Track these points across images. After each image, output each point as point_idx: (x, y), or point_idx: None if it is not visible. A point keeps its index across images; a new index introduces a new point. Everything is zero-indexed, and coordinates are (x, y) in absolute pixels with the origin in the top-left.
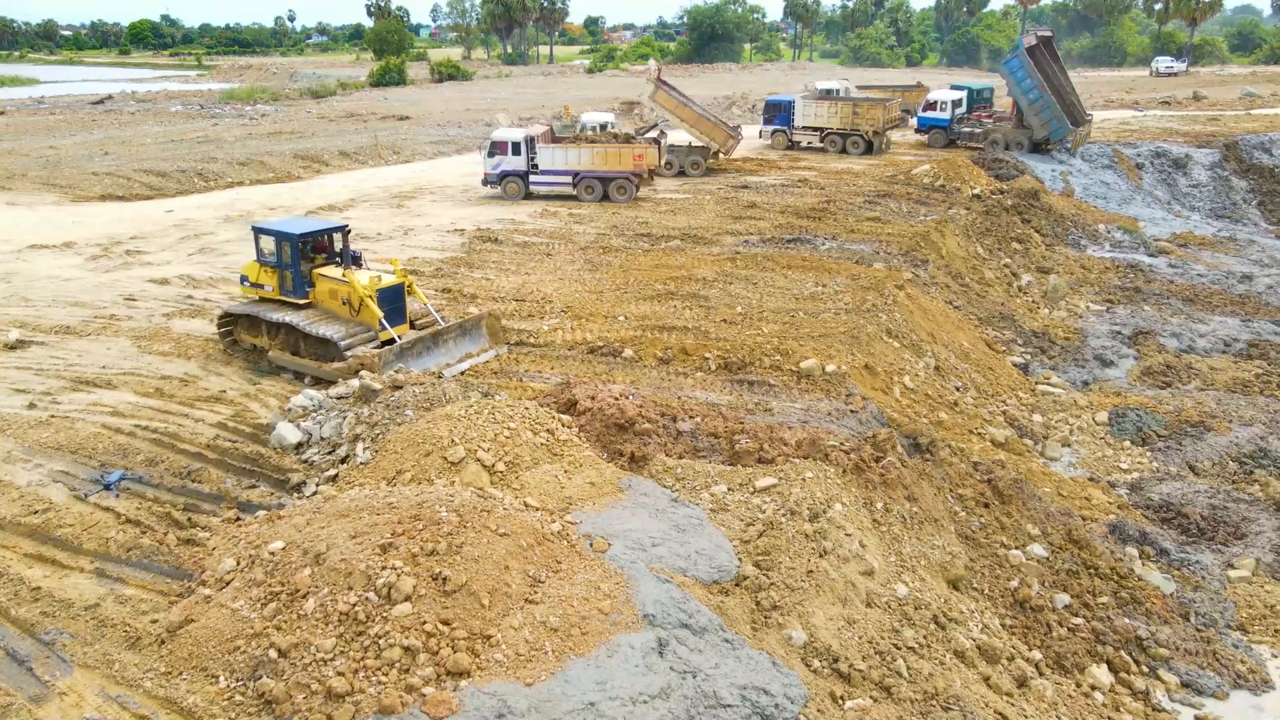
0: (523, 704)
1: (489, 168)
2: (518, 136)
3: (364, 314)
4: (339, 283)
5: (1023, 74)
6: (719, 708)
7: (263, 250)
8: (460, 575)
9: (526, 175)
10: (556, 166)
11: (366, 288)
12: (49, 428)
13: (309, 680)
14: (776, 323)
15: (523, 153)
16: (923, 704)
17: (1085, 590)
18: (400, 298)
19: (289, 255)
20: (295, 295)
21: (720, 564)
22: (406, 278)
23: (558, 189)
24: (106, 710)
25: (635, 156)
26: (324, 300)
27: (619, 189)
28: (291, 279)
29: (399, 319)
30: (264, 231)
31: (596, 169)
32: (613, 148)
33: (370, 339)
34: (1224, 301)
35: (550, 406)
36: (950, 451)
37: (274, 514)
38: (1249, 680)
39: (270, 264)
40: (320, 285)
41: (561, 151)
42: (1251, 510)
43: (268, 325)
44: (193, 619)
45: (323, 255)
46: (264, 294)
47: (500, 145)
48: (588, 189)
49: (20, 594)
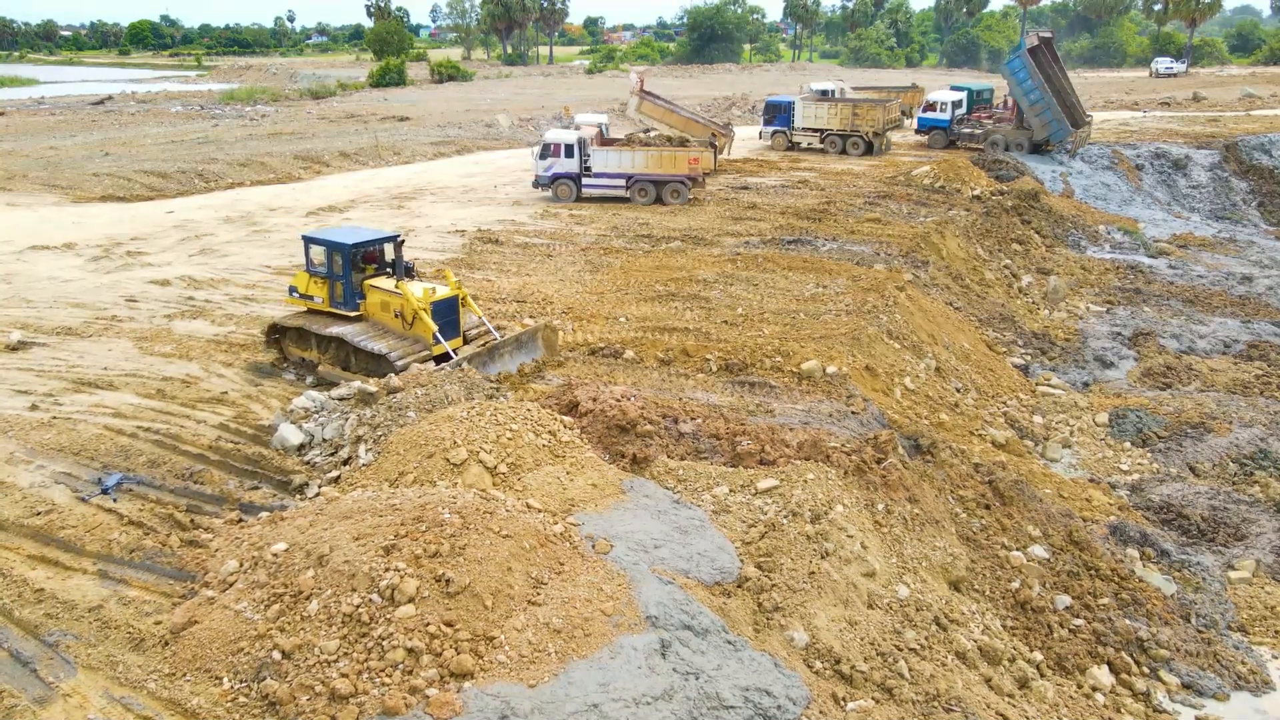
0: (526, 705)
1: (540, 170)
2: (571, 138)
3: (417, 327)
4: (392, 295)
5: (1024, 75)
6: (721, 709)
7: (312, 260)
8: (463, 577)
9: (579, 178)
10: (610, 169)
11: (421, 300)
12: (51, 429)
13: (313, 681)
14: (777, 324)
15: (576, 155)
16: (924, 705)
17: (1086, 591)
18: (454, 310)
19: (340, 266)
20: (346, 307)
21: (722, 565)
22: (460, 289)
23: (610, 192)
24: (110, 712)
25: (690, 160)
26: (375, 313)
27: (673, 192)
28: (342, 290)
29: (453, 332)
30: (315, 241)
31: (650, 172)
32: (667, 151)
33: (424, 353)
34: (1224, 302)
35: (552, 408)
36: (951, 453)
37: (277, 515)
38: (1250, 681)
39: (320, 275)
40: (371, 297)
41: (615, 154)
42: (1252, 511)
43: (317, 339)
44: (196, 620)
45: (373, 266)
46: (313, 305)
47: (553, 147)
48: (641, 192)
49: (24, 595)
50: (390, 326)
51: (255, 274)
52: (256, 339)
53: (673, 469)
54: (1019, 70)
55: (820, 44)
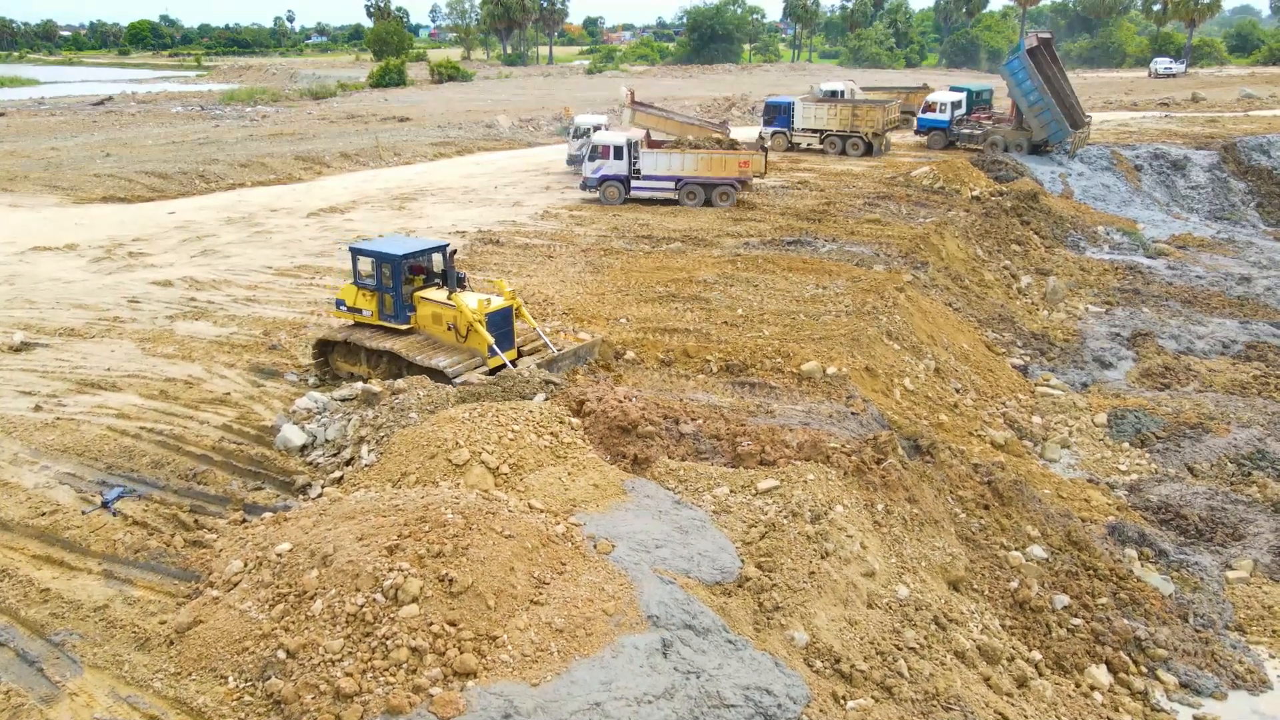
0: (529, 704)
1: (588, 171)
2: (620, 140)
3: (472, 339)
4: (444, 306)
5: (1024, 75)
6: (722, 708)
7: (360, 272)
8: (466, 577)
9: (628, 180)
10: (659, 172)
11: (476, 312)
12: (55, 430)
13: (317, 681)
14: (777, 325)
15: (625, 157)
16: (924, 704)
17: (1084, 591)
18: (509, 321)
19: (390, 278)
20: (396, 320)
21: (723, 565)
22: (515, 300)
23: (659, 194)
24: (117, 710)
25: (741, 163)
26: (427, 325)
27: (722, 195)
28: (392, 303)
29: (507, 344)
30: (363, 252)
31: (700, 175)
32: (717, 154)
33: (479, 366)
34: (1222, 303)
35: (561, 405)
36: (950, 453)
37: (280, 516)
38: (1247, 680)
39: (369, 287)
40: (422, 309)
41: (665, 156)
42: (1249, 511)
43: (367, 353)
44: (201, 620)
45: (421, 277)
46: (361, 319)
47: (602, 149)
48: (690, 194)
49: (29, 595)
50: (443, 339)
51: (257, 275)
52: (259, 340)
53: (673, 469)
54: (1018, 71)
55: (820, 44)
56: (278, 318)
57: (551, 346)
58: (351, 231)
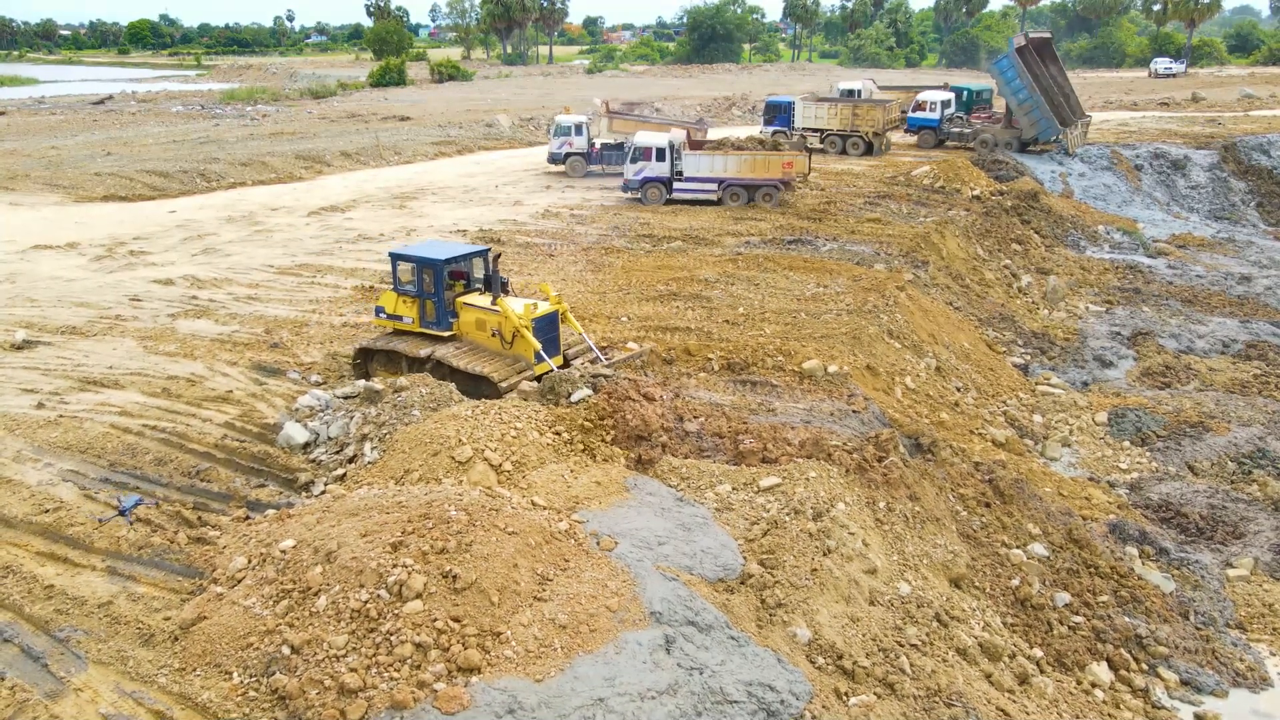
0: (533, 700)
1: (630, 173)
2: (662, 142)
3: (518, 345)
4: (488, 312)
5: (1012, 74)
6: (725, 704)
7: (400, 279)
8: (470, 573)
9: (670, 181)
10: (702, 173)
11: (522, 317)
12: (58, 427)
13: (322, 676)
14: (778, 323)
15: (667, 158)
16: (926, 700)
17: (1085, 589)
18: (554, 327)
19: (432, 284)
20: (438, 327)
21: (725, 562)
22: (561, 304)
23: (701, 196)
24: (122, 706)
25: (784, 164)
26: (470, 332)
27: (765, 196)
28: (434, 309)
29: (553, 350)
30: (403, 258)
31: (744, 176)
32: (760, 155)
33: (527, 372)
34: (1223, 302)
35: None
36: (951, 451)
37: (284, 513)
38: (1248, 678)
39: (409, 293)
40: (465, 315)
41: (708, 158)
42: (1250, 510)
43: (408, 361)
44: (205, 616)
45: (462, 282)
46: (402, 326)
47: (644, 150)
48: (733, 196)
49: (34, 592)
50: (487, 346)
51: (258, 273)
52: (260, 338)
53: (676, 467)
54: (1007, 70)
55: (820, 44)
56: (279, 316)
57: (598, 353)
58: (352, 230)
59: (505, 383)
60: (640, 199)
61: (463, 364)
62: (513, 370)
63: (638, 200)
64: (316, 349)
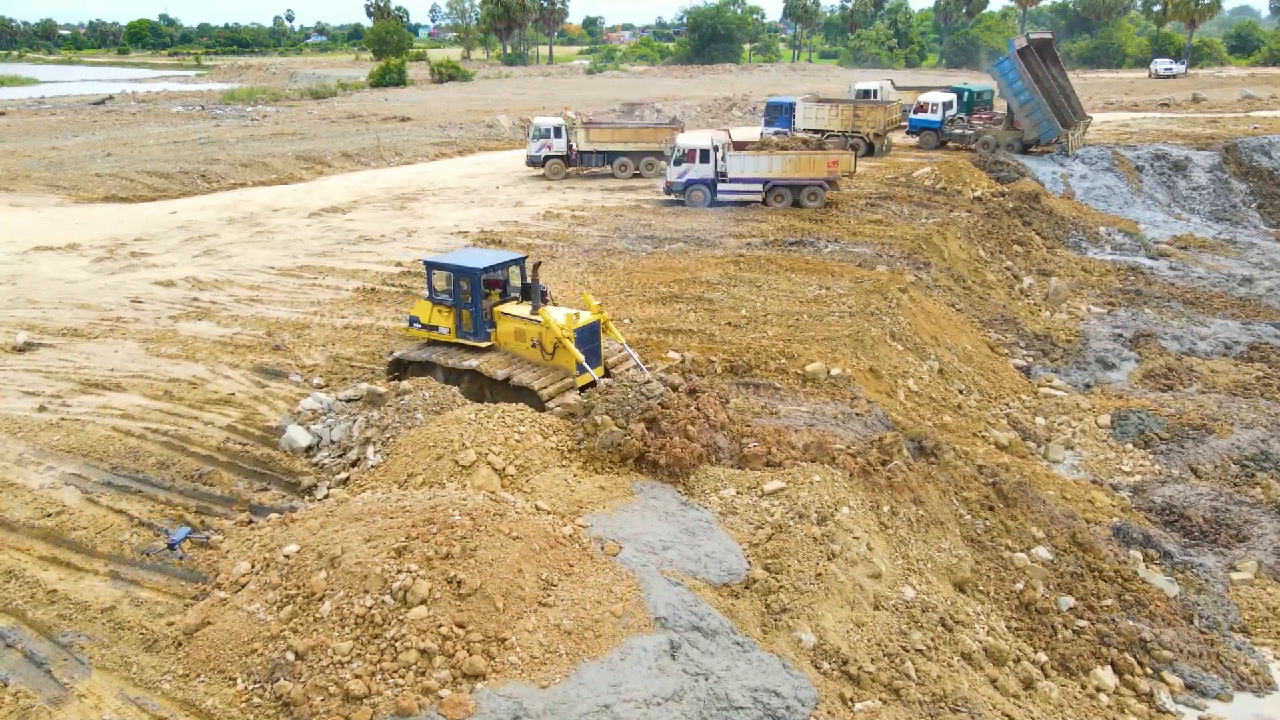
0: (538, 706)
1: (674, 176)
2: (706, 143)
3: (559, 356)
4: (528, 322)
5: (1014, 76)
6: (731, 709)
7: (435, 288)
8: (475, 578)
9: (714, 183)
10: (746, 174)
11: (564, 327)
12: (60, 430)
13: (326, 682)
14: (781, 325)
15: (711, 160)
16: (931, 706)
17: (1089, 592)
18: (596, 337)
19: (469, 293)
20: (476, 338)
21: (730, 567)
22: (602, 314)
23: (746, 197)
24: (125, 712)
25: (830, 163)
26: (508, 342)
27: (810, 195)
28: (471, 319)
29: (594, 360)
30: (439, 266)
31: (789, 176)
32: (805, 154)
33: (570, 384)
34: (1225, 304)
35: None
36: (955, 454)
37: (287, 517)
38: (1252, 682)
39: (445, 303)
40: (503, 325)
41: (752, 159)
42: (1253, 512)
43: (445, 372)
44: (209, 621)
45: (497, 291)
46: (438, 337)
47: (688, 153)
48: (778, 197)
49: (36, 596)
50: (526, 357)
51: (259, 275)
52: (262, 340)
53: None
54: (1009, 72)
55: (820, 44)
56: (281, 318)
57: (640, 364)
58: (353, 231)
59: (549, 395)
60: (684, 202)
61: (505, 376)
62: (556, 382)
63: (680, 202)
64: (319, 351)
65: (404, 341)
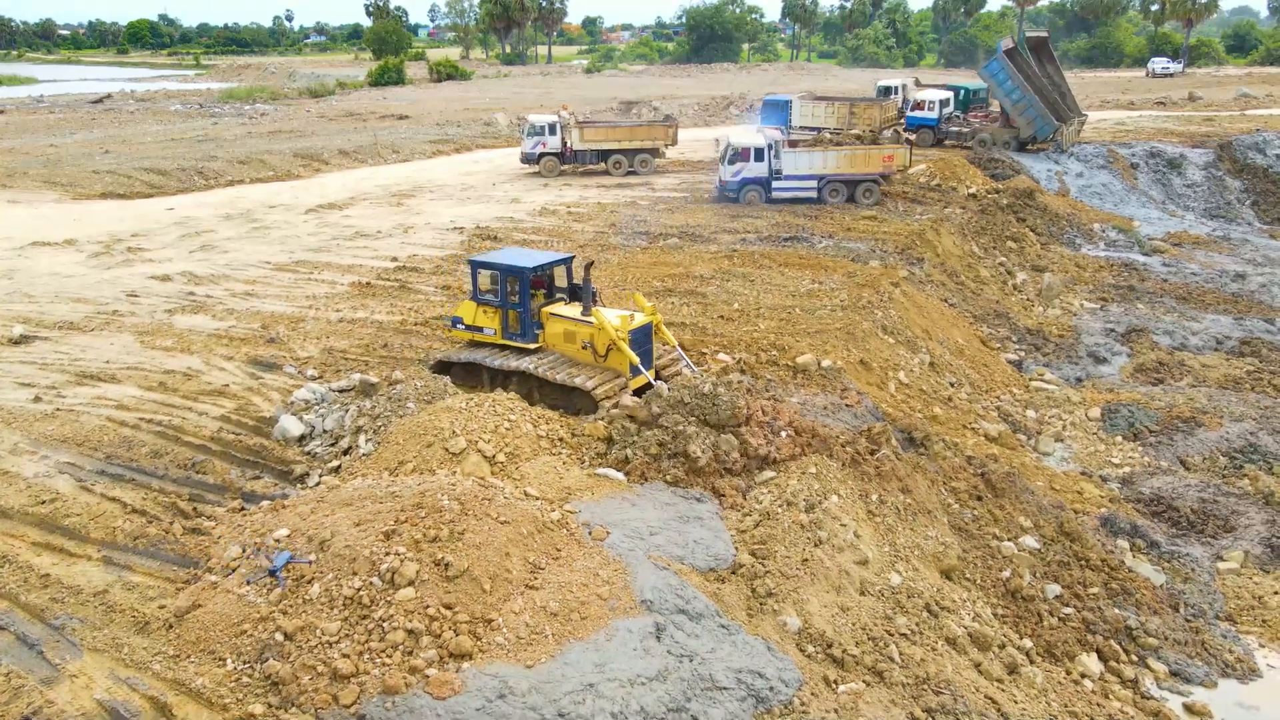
0: (523, 685)
1: (728, 175)
2: (761, 142)
3: (612, 359)
4: (578, 323)
5: (1004, 76)
6: (715, 690)
7: (480, 288)
8: (462, 561)
9: (769, 182)
10: (801, 171)
11: (619, 329)
12: (54, 420)
13: (315, 662)
14: (773, 319)
15: (766, 158)
16: (914, 688)
17: (1076, 581)
18: (649, 339)
19: (517, 293)
20: (523, 339)
21: (717, 553)
22: (655, 315)
23: (801, 195)
24: (116, 692)
25: (885, 158)
26: (557, 344)
27: (865, 191)
28: (519, 320)
29: (647, 363)
30: (486, 266)
31: (844, 172)
32: (860, 149)
33: (623, 386)
34: (1217, 300)
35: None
36: (944, 445)
37: (278, 503)
38: (1237, 669)
39: (491, 303)
40: (552, 326)
41: (806, 155)
42: (1241, 504)
43: (490, 374)
44: (200, 604)
45: (542, 291)
46: (482, 338)
47: (742, 151)
48: (833, 192)
49: (29, 581)
50: (576, 358)
51: (255, 270)
52: (257, 333)
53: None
54: (998, 73)
55: (818, 44)
56: (276, 311)
57: (692, 367)
58: (350, 228)
59: (604, 397)
60: (736, 200)
61: (560, 377)
62: (611, 384)
63: (733, 201)
64: (313, 344)
65: (399, 335)
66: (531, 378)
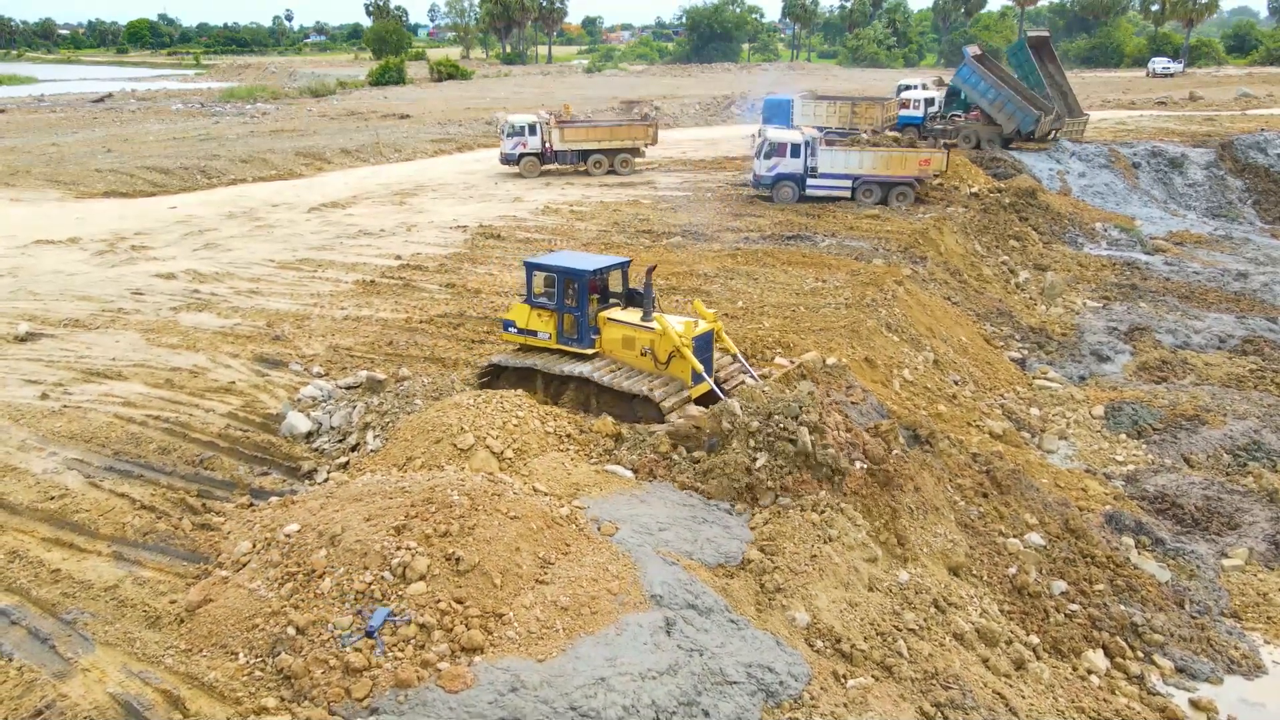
0: (535, 679)
1: (763, 169)
2: (798, 138)
3: (674, 366)
4: (638, 329)
5: (976, 79)
6: (725, 684)
7: (534, 290)
8: (473, 556)
9: (803, 178)
10: (836, 170)
11: (683, 335)
12: (62, 417)
13: (327, 656)
14: (777, 317)
15: (801, 155)
16: (923, 683)
17: (1082, 578)
18: (710, 347)
19: (575, 297)
20: (580, 344)
21: (726, 549)
22: (717, 323)
23: (835, 193)
24: (129, 686)
25: (921, 161)
26: (614, 350)
27: (899, 195)
28: (575, 324)
29: (707, 371)
30: (543, 268)
31: (878, 173)
32: (896, 152)
33: (686, 394)
34: (1219, 299)
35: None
36: (949, 443)
37: (288, 499)
38: (1242, 666)
39: (547, 306)
40: (609, 332)
41: (843, 154)
42: (1245, 501)
43: (545, 379)
44: (211, 599)
45: (596, 296)
46: (536, 342)
47: (779, 147)
48: (866, 193)
49: (40, 576)
50: (635, 365)
51: (259, 268)
52: (262, 330)
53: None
54: (970, 77)
55: (818, 44)
56: (281, 309)
57: (754, 376)
58: (353, 226)
59: (672, 408)
60: (770, 197)
61: (626, 385)
62: (674, 392)
63: (767, 198)
64: (318, 341)
65: (404, 333)
66: (590, 384)
